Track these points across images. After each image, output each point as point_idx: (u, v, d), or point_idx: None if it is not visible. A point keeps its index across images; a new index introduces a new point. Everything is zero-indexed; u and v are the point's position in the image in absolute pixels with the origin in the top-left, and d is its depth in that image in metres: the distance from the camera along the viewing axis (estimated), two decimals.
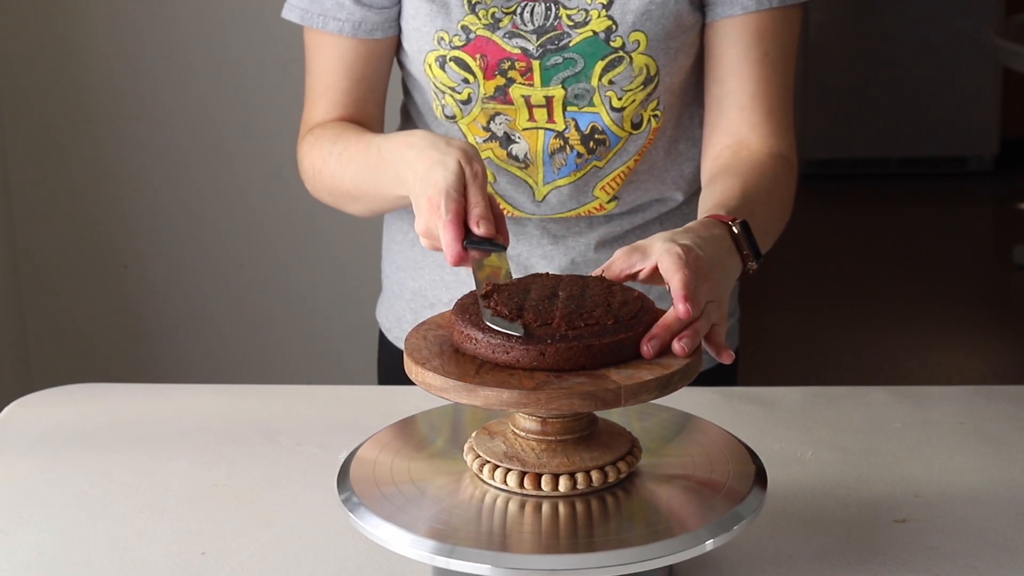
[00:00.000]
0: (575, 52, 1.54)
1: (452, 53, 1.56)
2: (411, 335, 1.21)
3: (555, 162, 1.59)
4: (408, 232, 1.72)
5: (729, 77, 1.57)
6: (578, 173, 1.60)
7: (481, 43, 1.55)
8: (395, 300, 1.76)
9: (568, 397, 1.12)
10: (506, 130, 1.58)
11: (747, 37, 1.56)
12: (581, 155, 1.59)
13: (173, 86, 2.99)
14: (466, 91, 1.57)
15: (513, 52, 1.55)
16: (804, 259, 4.98)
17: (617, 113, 1.57)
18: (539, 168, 1.60)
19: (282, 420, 1.58)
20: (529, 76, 1.55)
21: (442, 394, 1.14)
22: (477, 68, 1.55)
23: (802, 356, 4.25)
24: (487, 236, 1.31)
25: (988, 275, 5.00)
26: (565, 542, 1.14)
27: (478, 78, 1.56)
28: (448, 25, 1.55)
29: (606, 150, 1.59)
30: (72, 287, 3.07)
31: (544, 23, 1.55)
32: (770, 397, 1.61)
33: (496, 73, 1.55)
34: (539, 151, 1.59)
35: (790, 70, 1.59)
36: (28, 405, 1.64)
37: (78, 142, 2.99)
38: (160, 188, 3.03)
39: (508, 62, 1.55)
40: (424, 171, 1.37)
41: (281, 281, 3.12)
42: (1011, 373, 4.14)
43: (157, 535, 1.34)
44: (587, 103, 1.56)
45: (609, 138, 1.58)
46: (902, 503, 1.38)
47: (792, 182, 1.59)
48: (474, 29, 1.55)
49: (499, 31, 1.55)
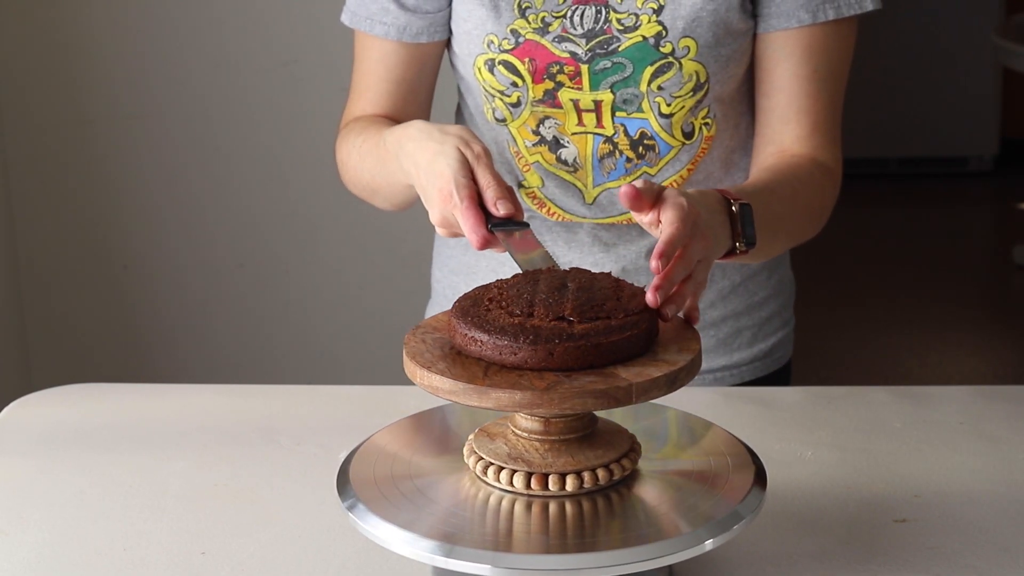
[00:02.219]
0: (624, 57, 1.54)
1: (501, 56, 1.56)
2: (409, 338, 1.21)
3: (604, 167, 1.59)
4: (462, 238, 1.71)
5: (777, 92, 1.58)
6: (628, 177, 1.60)
7: (530, 47, 1.55)
8: (448, 304, 1.75)
9: (580, 396, 1.12)
10: (555, 134, 1.58)
11: (799, 52, 1.56)
12: (631, 160, 1.59)
13: (173, 86, 2.99)
14: (515, 94, 1.57)
15: (562, 56, 1.55)
16: (804, 259, 4.97)
17: (666, 119, 1.56)
18: (588, 172, 1.60)
19: (282, 420, 1.58)
20: (578, 80, 1.55)
21: (451, 397, 1.14)
22: (526, 72, 1.55)
23: (802, 356, 4.24)
24: (508, 216, 1.32)
25: (988, 275, 5.00)
26: (565, 542, 1.14)
27: (527, 82, 1.56)
28: (498, 28, 1.55)
29: (656, 157, 1.59)
30: (72, 287, 3.07)
31: (594, 27, 1.54)
32: (770, 397, 1.61)
33: (545, 77, 1.55)
34: (588, 155, 1.59)
35: (841, 85, 1.59)
36: (28, 405, 1.63)
37: (78, 142, 2.99)
38: (160, 188, 3.03)
39: (557, 66, 1.55)
40: (427, 163, 1.38)
41: (281, 281, 3.12)
42: (1011, 373, 4.13)
43: (157, 535, 1.34)
44: (636, 108, 1.56)
45: (659, 144, 1.58)
46: (902, 503, 1.38)
47: (828, 192, 1.59)
48: (523, 33, 1.55)
49: (548, 35, 1.55)
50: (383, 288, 3.11)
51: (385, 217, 1.93)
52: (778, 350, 1.75)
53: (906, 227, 5.36)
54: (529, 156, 1.61)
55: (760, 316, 1.71)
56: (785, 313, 1.76)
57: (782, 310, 1.75)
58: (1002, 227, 5.50)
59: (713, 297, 1.67)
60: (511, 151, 1.62)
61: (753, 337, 1.71)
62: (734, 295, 1.69)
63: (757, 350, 1.72)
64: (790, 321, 1.77)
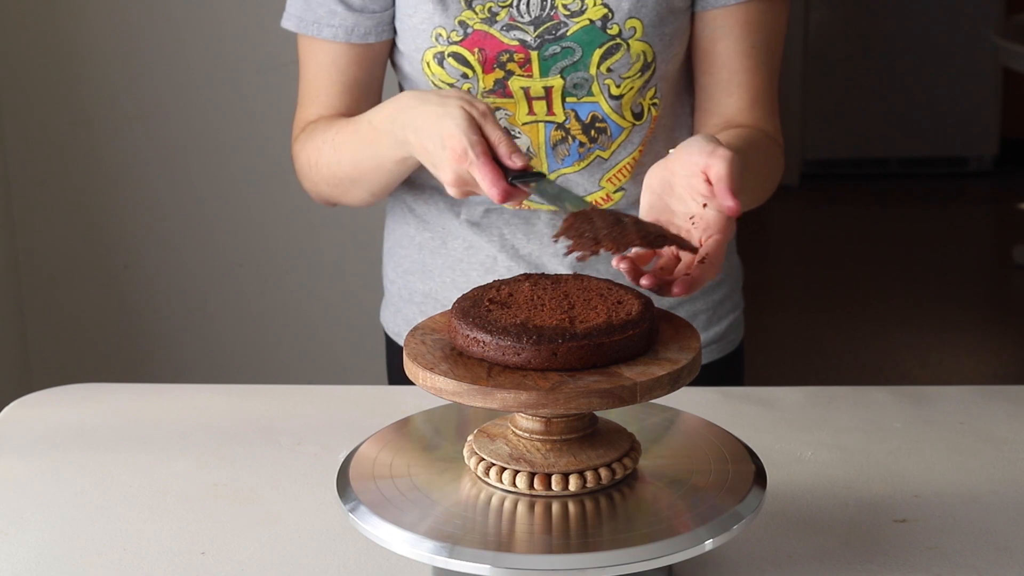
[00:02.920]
0: (573, 41, 1.56)
1: (450, 49, 1.57)
2: (409, 340, 1.21)
3: (558, 153, 1.61)
4: (415, 237, 1.72)
5: (719, 68, 1.62)
6: (582, 163, 1.61)
7: (479, 37, 1.57)
8: (403, 304, 1.76)
9: (585, 396, 1.12)
10: (506, 125, 1.59)
11: (737, 28, 1.60)
12: (583, 144, 1.61)
13: (173, 87, 2.99)
14: (465, 86, 1.58)
15: (511, 44, 1.56)
16: (804, 259, 4.98)
17: (616, 101, 1.59)
18: (543, 160, 1.61)
19: (282, 420, 1.58)
20: (528, 67, 1.57)
21: (455, 398, 1.14)
22: (476, 62, 1.57)
23: (802, 356, 4.25)
24: (524, 168, 1.35)
25: (988, 275, 5.00)
26: (565, 542, 1.14)
27: (477, 72, 1.57)
28: (445, 21, 1.57)
29: (608, 139, 1.61)
30: (72, 287, 3.07)
31: (540, 13, 1.56)
32: (770, 397, 1.61)
33: (495, 66, 1.57)
34: (541, 143, 1.60)
35: (777, 58, 1.64)
36: (28, 405, 1.63)
37: (78, 142, 2.99)
38: (160, 188, 3.03)
39: (507, 54, 1.57)
40: (432, 126, 1.40)
41: (281, 281, 3.12)
42: (1011, 373, 4.13)
43: (157, 535, 1.34)
44: (586, 92, 1.58)
45: (610, 127, 1.60)
46: (902, 503, 1.38)
47: (778, 160, 1.64)
48: (471, 24, 1.57)
49: (496, 24, 1.56)
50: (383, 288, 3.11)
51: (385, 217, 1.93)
52: (731, 332, 1.77)
53: (906, 227, 5.36)
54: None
55: (713, 300, 1.73)
56: (735, 296, 1.79)
57: (732, 293, 1.78)
58: (1002, 227, 5.50)
59: None
60: None
61: (708, 320, 1.73)
62: None
63: (712, 333, 1.74)
64: (740, 304, 1.80)
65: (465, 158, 1.35)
